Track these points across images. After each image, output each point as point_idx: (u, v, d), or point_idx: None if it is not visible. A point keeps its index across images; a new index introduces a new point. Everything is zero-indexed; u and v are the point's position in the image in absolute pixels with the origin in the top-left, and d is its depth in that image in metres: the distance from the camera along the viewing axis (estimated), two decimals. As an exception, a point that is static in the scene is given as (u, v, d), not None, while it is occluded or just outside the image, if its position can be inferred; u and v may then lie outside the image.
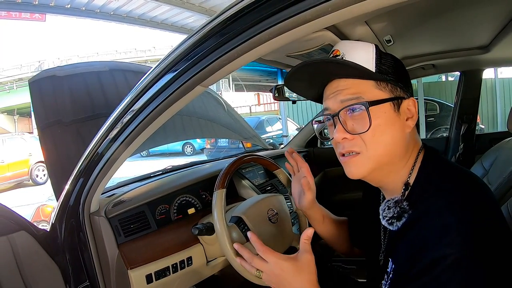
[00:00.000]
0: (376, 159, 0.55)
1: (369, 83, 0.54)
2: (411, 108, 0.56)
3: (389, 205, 0.55)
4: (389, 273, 0.55)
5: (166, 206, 0.99)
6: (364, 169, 0.55)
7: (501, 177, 1.22)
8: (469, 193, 0.50)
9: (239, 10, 0.47)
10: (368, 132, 0.53)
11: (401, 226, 0.53)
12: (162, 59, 0.60)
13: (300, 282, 0.58)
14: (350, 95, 0.55)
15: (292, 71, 0.58)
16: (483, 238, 0.46)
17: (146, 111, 0.61)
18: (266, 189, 1.27)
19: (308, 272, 0.59)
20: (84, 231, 0.84)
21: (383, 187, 0.61)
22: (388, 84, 0.55)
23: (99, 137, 0.72)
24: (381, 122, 0.53)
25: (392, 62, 0.57)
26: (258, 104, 14.09)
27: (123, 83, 1.40)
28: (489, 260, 0.46)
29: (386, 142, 0.54)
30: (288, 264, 0.59)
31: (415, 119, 0.56)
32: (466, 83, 1.84)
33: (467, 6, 0.97)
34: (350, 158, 0.56)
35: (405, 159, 0.57)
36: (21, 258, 0.83)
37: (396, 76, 0.56)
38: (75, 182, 0.82)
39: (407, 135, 0.56)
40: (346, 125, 0.55)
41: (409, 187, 0.55)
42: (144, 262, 0.84)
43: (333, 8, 0.41)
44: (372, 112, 0.53)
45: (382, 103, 0.53)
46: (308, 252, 0.60)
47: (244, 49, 0.48)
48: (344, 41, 0.59)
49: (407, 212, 0.53)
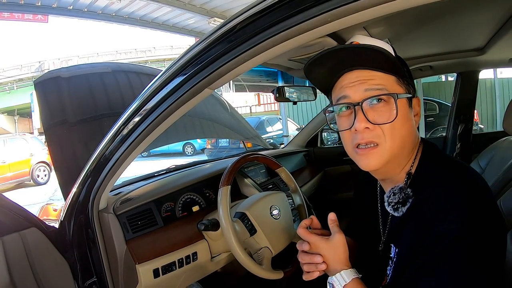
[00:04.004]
0: (392, 151, 0.56)
1: (391, 78, 0.56)
2: (416, 106, 0.61)
3: (394, 191, 0.59)
4: (393, 258, 0.60)
5: (172, 203, 1.02)
6: (381, 161, 0.57)
7: (496, 175, 1.26)
8: (465, 178, 0.54)
9: (245, 18, 0.51)
10: (391, 124, 0.55)
11: (406, 212, 0.57)
12: (172, 63, 0.64)
13: (331, 260, 0.61)
14: (375, 85, 0.55)
15: (319, 55, 0.56)
16: (482, 216, 0.51)
17: (157, 112, 0.64)
18: (268, 187, 1.30)
19: (338, 251, 0.62)
20: (93, 228, 0.87)
21: (387, 180, 0.63)
22: (404, 81, 0.58)
23: (109, 136, 0.76)
24: (400, 116, 0.55)
25: (403, 62, 0.61)
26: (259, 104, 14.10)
27: (125, 84, 1.43)
28: (488, 236, 0.50)
29: (402, 135, 0.57)
30: (323, 244, 0.62)
31: (419, 116, 0.61)
32: (463, 84, 1.88)
33: (462, 10, 1.00)
34: (369, 150, 0.56)
35: (413, 152, 0.61)
36: (32, 254, 0.86)
37: (408, 74, 0.60)
38: (85, 180, 0.84)
39: (416, 130, 0.60)
40: (369, 115, 0.55)
41: (411, 176, 0.59)
42: (151, 257, 0.87)
43: (332, 18, 0.44)
44: (393, 106, 0.55)
45: (403, 97, 0.56)
46: (337, 232, 0.62)
47: (250, 54, 0.52)
48: (359, 36, 0.59)
49: (411, 198, 0.56)
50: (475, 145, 1.90)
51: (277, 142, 6.79)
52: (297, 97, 1.50)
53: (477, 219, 0.50)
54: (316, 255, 0.62)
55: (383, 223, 0.67)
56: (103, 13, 6.53)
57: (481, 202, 0.52)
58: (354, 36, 0.59)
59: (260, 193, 1.04)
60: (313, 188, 1.83)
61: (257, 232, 0.88)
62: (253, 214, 0.89)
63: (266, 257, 0.87)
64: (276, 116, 9.18)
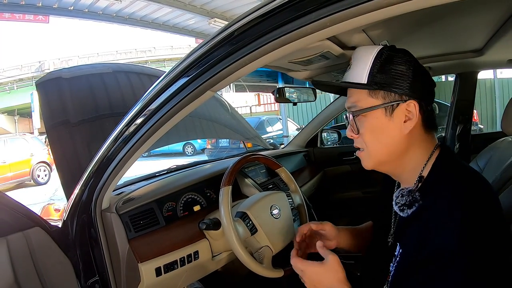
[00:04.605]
0: (376, 156, 0.63)
1: (363, 92, 0.62)
2: (411, 110, 0.59)
3: (403, 193, 0.60)
4: (396, 256, 0.61)
5: (173, 203, 1.03)
6: (369, 163, 0.65)
7: (494, 175, 1.27)
8: (475, 190, 0.55)
9: (246, 23, 0.52)
10: (365, 134, 0.62)
11: (410, 214, 0.59)
12: (175, 65, 0.65)
13: (330, 281, 0.64)
14: (350, 103, 0.64)
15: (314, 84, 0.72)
16: (485, 231, 0.51)
17: (160, 113, 0.66)
18: (268, 187, 1.31)
19: (335, 272, 0.64)
20: (96, 227, 0.88)
21: (398, 178, 0.68)
22: (380, 92, 0.60)
23: (112, 137, 0.77)
24: (374, 126, 0.61)
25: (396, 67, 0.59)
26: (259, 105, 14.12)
27: (126, 84, 1.44)
28: (489, 252, 0.51)
29: (383, 142, 0.61)
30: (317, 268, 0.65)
31: (415, 120, 0.59)
32: (462, 84, 1.89)
33: (461, 13, 1.01)
34: (359, 152, 0.66)
35: (410, 156, 0.62)
36: (36, 253, 0.87)
37: (392, 80, 0.59)
38: (88, 181, 0.86)
39: (407, 135, 0.60)
40: (352, 126, 0.64)
41: (422, 179, 0.60)
42: (153, 256, 0.89)
43: (331, 23, 0.46)
44: (366, 118, 0.61)
45: (370, 110, 0.61)
46: (330, 253, 0.65)
47: (251, 58, 0.54)
48: (358, 49, 0.66)
49: (418, 202, 0.58)
50: (474, 145, 1.91)
51: (277, 142, 6.80)
52: (297, 97, 1.51)
53: (477, 237, 0.51)
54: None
55: (394, 219, 0.69)
56: (104, 14, 6.56)
57: (484, 220, 0.52)
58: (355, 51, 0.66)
59: (261, 193, 1.05)
60: (313, 188, 1.85)
61: (257, 232, 0.89)
62: (253, 213, 0.90)
63: (267, 256, 0.89)
64: (276, 116, 9.20)
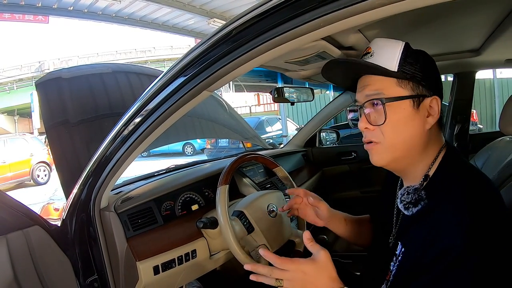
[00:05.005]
0: (393, 150, 0.60)
1: (391, 81, 0.60)
2: (434, 106, 0.60)
3: (409, 191, 0.60)
4: (397, 255, 0.60)
5: (171, 202, 1.04)
6: (383, 158, 0.61)
7: (491, 175, 1.28)
8: (482, 191, 0.55)
9: (241, 24, 0.53)
10: (387, 125, 0.59)
11: (415, 213, 0.58)
12: (171, 66, 0.66)
13: (322, 280, 0.60)
14: (373, 90, 0.60)
15: (326, 67, 0.65)
16: (490, 233, 0.51)
17: (157, 113, 0.66)
18: (266, 187, 1.32)
19: (327, 269, 0.60)
20: (95, 226, 0.89)
21: (404, 176, 0.66)
22: (409, 82, 0.59)
23: (111, 137, 0.77)
24: (399, 117, 0.58)
25: (421, 61, 0.60)
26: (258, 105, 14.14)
27: (125, 84, 1.45)
28: (497, 253, 0.50)
29: (404, 136, 0.59)
30: (309, 266, 0.60)
31: (436, 117, 0.60)
32: (460, 84, 1.90)
33: (457, 12, 1.01)
34: (371, 146, 0.62)
35: (425, 153, 0.61)
36: (35, 251, 0.88)
37: (421, 74, 0.60)
38: (86, 180, 0.86)
39: (428, 131, 0.60)
40: (369, 117, 0.61)
41: (428, 178, 0.60)
42: (151, 254, 0.89)
43: (325, 23, 0.46)
44: (391, 107, 0.58)
45: (400, 100, 0.58)
46: (321, 250, 0.61)
47: (247, 58, 0.54)
48: (377, 39, 0.64)
49: (424, 201, 0.57)
50: (472, 145, 1.92)
51: (276, 142, 6.81)
52: (295, 97, 1.52)
53: (485, 237, 0.50)
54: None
55: (396, 218, 0.68)
56: (103, 14, 6.57)
57: (491, 220, 0.52)
58: (371, 42, 0.65)
59: (258, 192, 1.06)
60: (311, 188, 1.85)
61: (254, 230, 0.90)
62: (250, 212, 0.91)
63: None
64: (275, 116, 9.21)
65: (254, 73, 7.56)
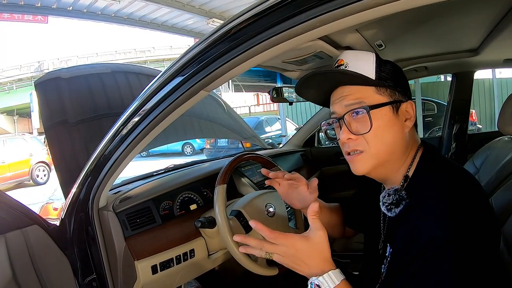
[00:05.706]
0: (378, 156, 0.61)
1: (370, 89, 0.61)
2: (409, 110, 0.63)
3: (389, 192, 0.61)
4: (387, 257, 0.62)
5: (170, 202, 1.04)
6: (368, 166, 0.62)
7: (490, 174, 1.28)
8: (460, 185, 0.57)
9: (237, 24, 0.54)
10: (370, 133, 0.59)
11: (398, 213, 0.59)
12: (169, 66, 0.66)
13: (314, 260, 0.58)
14: (353, 100, 0.61)
15: (302, 80, 0.65)
16: (471, 224, 0.52)
17: (155, 113, 0.67)
18: (264, 187, 1.32)
19: (321, 250, 0.59)
20: (93, 225, 0.89)
21: (385, 181, 0.67)
22: (387, 89, 0.61)
23: (109, 136, 0.78)
24: (381, 124, 0.60)
25: (391, 69, 0.63)
26: (258, 105, 14.14)
27: (124, 84, 1.45)
28: (475, 245, 0.51)
29: (387, 141, 0.60)
30: (302, 243, 0.59)
31: (413, 120, 0.62)
32: (458, 84, 1.90)
33: (455, 12, 1.02)
34: (355, 156, 0.62)
35: (405, 156, 0.63)
36: (34, 250, 0.88)
37: (394, 81, 0.62)
38: (85, 179, 0.86)
39: (407, 134, 0.62)
40: (351, 127, 0.61)
41: (408, 179, 0.61)
42: (149, 254, 0.90)
43: (320, 23, 0.47)
44: (373, 115, 0.59)
45: (381, 106, 0.60)
46: (320, 229, 0.59)
47: (244, 57, 0.55)
48: (347, 52, 0.65)
49: (405, 200, 0.59)
50: (471, 145, 1.92)
51: (275, 142, 6.81)
52: (294, 97, 1.52)
53: (464, 229, 0.51)
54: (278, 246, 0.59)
55: (383, 223, 0.69)
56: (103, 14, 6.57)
57: (470, 213, 0.53)
58: (341, 54, 0.65)
59: (256, 192, 1.06)
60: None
61: (252, 230, 0.90)
62: (248, 212, 0.91)
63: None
64: (275, 116, 9.21)
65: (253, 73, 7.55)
